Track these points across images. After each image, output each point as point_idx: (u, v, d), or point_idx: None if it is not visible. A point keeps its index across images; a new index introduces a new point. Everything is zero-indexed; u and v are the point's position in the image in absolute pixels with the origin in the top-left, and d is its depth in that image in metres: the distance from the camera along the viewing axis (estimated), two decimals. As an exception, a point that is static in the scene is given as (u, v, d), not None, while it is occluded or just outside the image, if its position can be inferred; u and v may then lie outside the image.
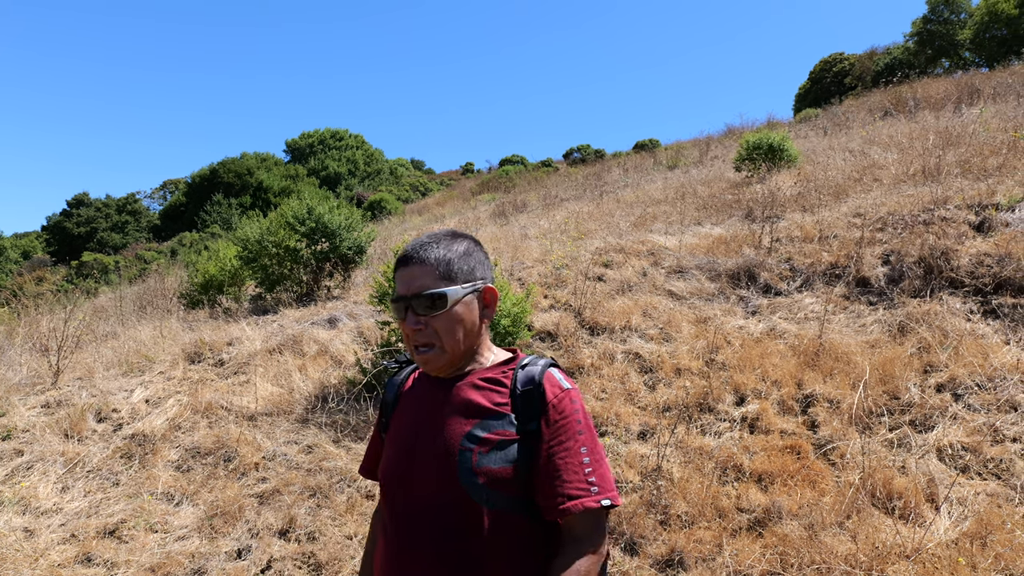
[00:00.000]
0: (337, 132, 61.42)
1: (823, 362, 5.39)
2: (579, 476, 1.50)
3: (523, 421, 1.55)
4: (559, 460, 1.51)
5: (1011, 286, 5.74)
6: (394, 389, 1.80)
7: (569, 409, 1.55)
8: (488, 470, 1.50)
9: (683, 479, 4.28)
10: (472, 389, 1.60)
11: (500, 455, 1.51)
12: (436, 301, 1.55)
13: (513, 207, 16.93)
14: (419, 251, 1.59)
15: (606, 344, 6.19)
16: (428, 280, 1.56)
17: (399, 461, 1.62)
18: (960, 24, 32.39)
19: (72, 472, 4.91)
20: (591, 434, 1.56)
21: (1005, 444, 4.25)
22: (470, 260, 1.62)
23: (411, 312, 1.57)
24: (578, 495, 1.48)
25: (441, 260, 1.58)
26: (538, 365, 1.62)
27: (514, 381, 1.59)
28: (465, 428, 1.55)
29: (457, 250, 1.61)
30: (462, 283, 1.59)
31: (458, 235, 1.66)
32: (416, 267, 1.58)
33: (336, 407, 5.65)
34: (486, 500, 1.50)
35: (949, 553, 3.38)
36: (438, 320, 1.56)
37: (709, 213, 10.01)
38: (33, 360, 6.88)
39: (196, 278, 10.16)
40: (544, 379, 1.58)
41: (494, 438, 1.53)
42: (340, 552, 3.98)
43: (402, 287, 1.59)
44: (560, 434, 1.53)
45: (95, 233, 52.24)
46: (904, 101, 17.14)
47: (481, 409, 1.56)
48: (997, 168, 8.20)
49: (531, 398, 1.56)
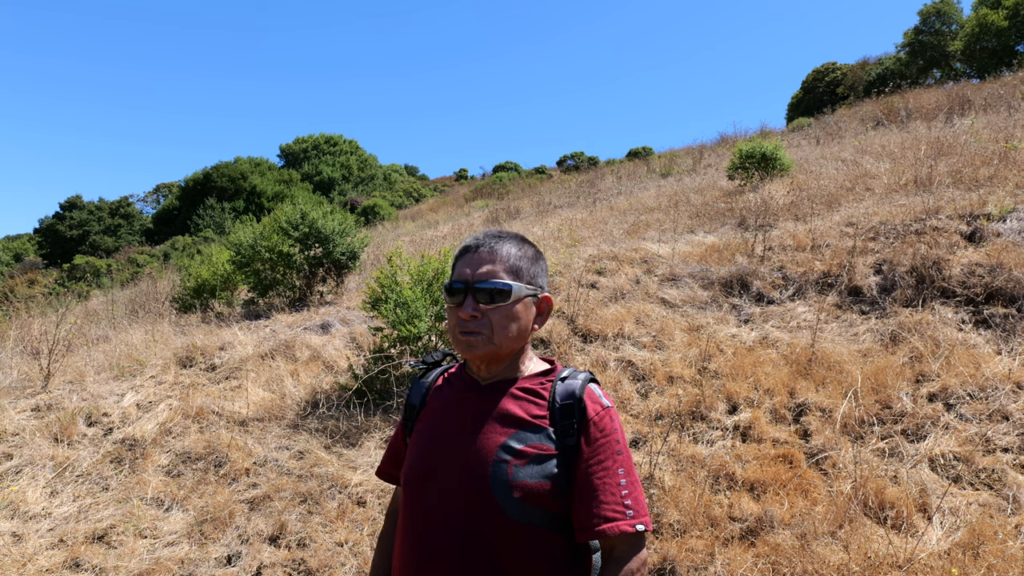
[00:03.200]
0: (331, 137, 61.39)
1: (815, 371, 5.40)
2: (616, 498, 1.47)
3: (561, 436, 1.51)
4: (597, 480, 1.48)
5: (1003, 296, 5.77)
6: (421, 391, 1.74)
7: (609, 428, 1.53)
8: (524, 484, 1.46)
9: (675, 487, 4.28)
10: (509, 398, 1.56)
11: (537, 469, 1.48)
12: (500, 293, 1.53)
13: (507, 214, 16.94)
14: (491, 241, 1.58)
15: (599, 351, 6.19)
16: (496, 271, 1.55)
17: (425, 466, 1.57)
18: (951, 35, 32.67)
19: (61, 476, 4.87)
20: (628, 455, 1.53)
21: (997, 454, 4.26)
22: (536, 266, 1.62)
23: (471, 298, 1.54)
24: (614, 517, 1.46)
25: (511, 255, 1.57)
26: (578, 379, 1.59)
27: (553, 393, 1.56)
28: (500, 439, 1.51)
29: (527, 252, 1.61)
30: (526, 283, 1.57)
31: (526, 240, 1.65)
32: (486, 254, 1.56)
33: (328, 413, 5.63)
34: (519, 514, 1.46)
35: (941, 563, 3.38)
36: (496, 312, 1.54)
37: (702, 221, 10.04)
38: (24, 363, 6.84)
39: (188, 282, 10.13)
40: (585, 395, 1.55)
41: (531, 451, 1.49)
42: (330, 559, 3.96)
43: (466, 271, 1.56)
44: (599, 453, 1.50)
45: (87, 236, 51.97)
46: (896, 111, 17.24)
47: (518, 420, 1.53)
48: (988, 178, 8.26)
49: (571, 413, 1.53)
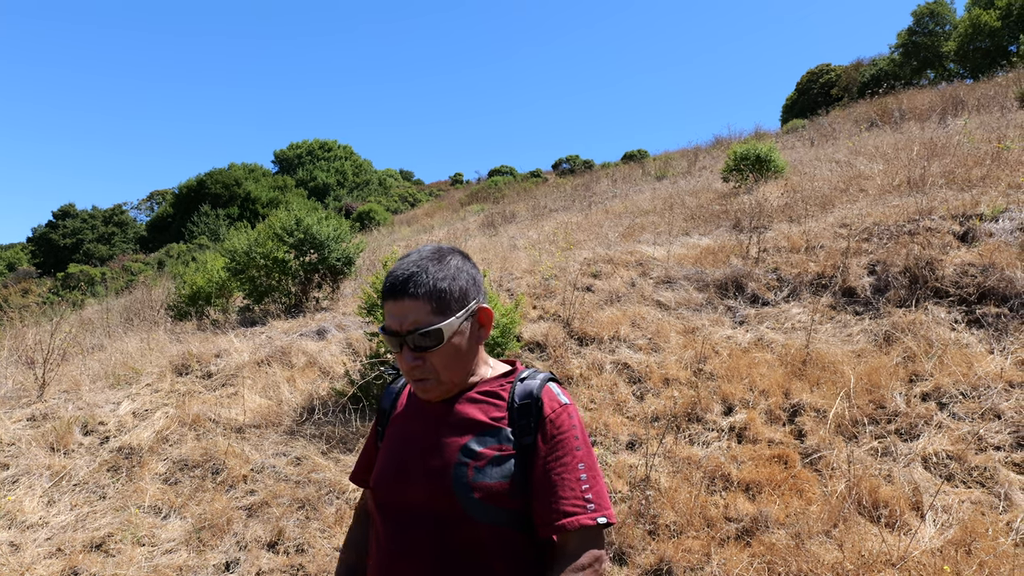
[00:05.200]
0: (326, 143, 61.31)
1: (810, 372, 5.42)
2: (576, 493, 1.48)
3: (520, 435, 1.53)
4: (556, 476, 1.49)
5: (995, 296, 5.80)
6: (391, 397, 1.76)
7: (567, 424, 1.53)
8: (484, 485, 1.48)
9: (671, 489, 4.30)
10: (470, 403, 1.58)
11: (496, 470, 1.50)
12: (432, 337, 1.49)
13: (502, 218, 16.96)
14: (408, 284, 1.49)
15: (595, 354, 6.21)
16: (421, 316, 1.49)
17: (393, 472, 1.59)
18: (945, 36, 32.85)
19: (58, 485, 4.87)
20: (588, 450, 1.54)
21: (989, 452, 4.29)
22: (460, 282, 1.53)
23: (407, 348, 1.51)
24: (574, 512, 1.47)
25: (432, 293, 1.49)
26: (537, 379, 1.60)
27: (512, 394, 1.57)
28: (461, 442, 1.52)
29: (449, 272, 1.52)
30: (456, 312, 1.51)
31: (444, 253, 1.55)
32: (408, 302, 1.49)
33: (325, 419, 5.64)
34: (482, 514, 1.48)
35: (934, 561, 3.41)
36: (435, 355, 1.50)
37: (697, 224, 10.07)
38: (19, 373, 6.83)
39: (183, 290, 10.10)
40: (543, 393, 1.56)
41: (490, 453, 1.51)
42: (329, 564, 3.96)
43: (394, 323, 1.51)
44: (557, 449, 1.51)
45: (81, 244, 51.85)
46: (889, 112, 17.32)
47: (478, 423, 1.54)
48: (981, 179, 8.30)
49: (528, 412, 1.54)
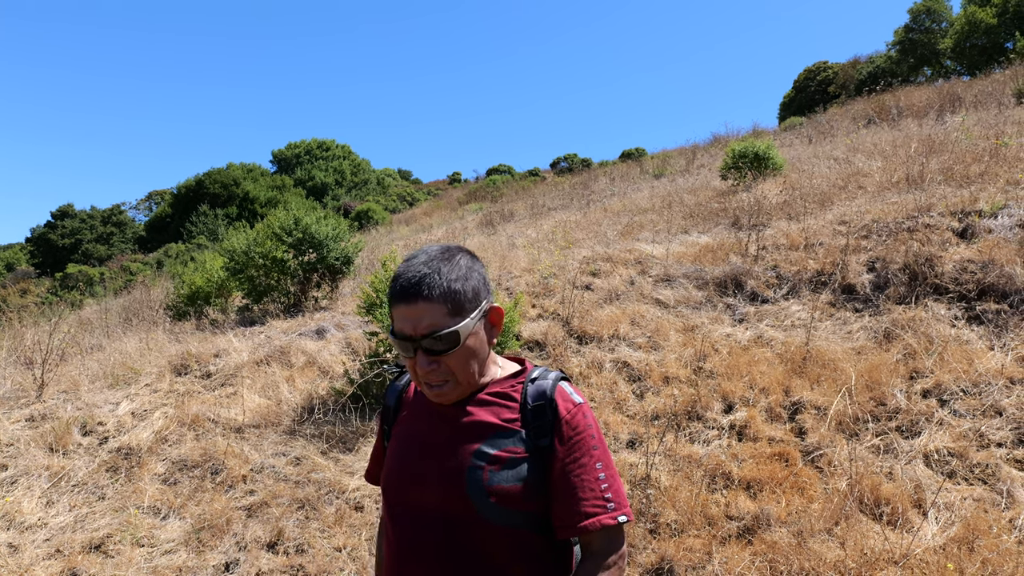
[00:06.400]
0: (324, 142, 61.23)
1: (810, 369, 5.42)
2: (596, 493, 1.47)
3: (534, 437, 1.51)
4: (575, 478, 1.48)
5: (994, 292, 5.80)
6: (395, 395, 1.73)
7: (583, 424, 1.52)
8: (499, 488, 1.46)
9: (672, 487, 4.29)
10: (481, 404, 1.55)
11: (511, 473, 1.48)
12: (449, 340, 1.45)
13: (500, 217, 16.95)
14: (422, 287, 1.43)
15: (594, 353, 6.20)
16: (437, 318, 1.44)
17: (402, 473, 1.57)
18: (941, 33, 32.83)
19: (57, 486, 4.85)
20: (604, 449, 1.53)
21: (991, 449, 4.28)
22: (472, 281, 1.49)
23: (421, 353, 1.46)
24: (595, 512, 1.46)
25: (447, 294, 1.44)
26: (548, 379, 1.57)
27: (524, 395, 1.55)
28: (474, 445, 1.50)
29: (459, 275, 1.47)
30: (471, 313, 1.47)
31: (453, 253, 1.51)
32: (422, 304, 1.43)
33: (324, 418, 5.62)
34: (497, 517, 1.47)
35: (937, 558, 3.40)
36: (452, 357, 1.47)
37: (696, 221, 10.06)
38: (17, 373, 6.81)
39: (182, 289, 10.08)
40: (556, 394, 1.54)
41: (504, 456, 1.49)
42: (328, 564, 3.95)
43: (407, 326, 1.45)
44: (575, 451, 1.49)
45: (80, 245, 51.79)
46: (887, 109, 17.32)
47: (491, 425, 1.52)
48: (979, 175, 8.30)
49: (542, 413, 1.52)
